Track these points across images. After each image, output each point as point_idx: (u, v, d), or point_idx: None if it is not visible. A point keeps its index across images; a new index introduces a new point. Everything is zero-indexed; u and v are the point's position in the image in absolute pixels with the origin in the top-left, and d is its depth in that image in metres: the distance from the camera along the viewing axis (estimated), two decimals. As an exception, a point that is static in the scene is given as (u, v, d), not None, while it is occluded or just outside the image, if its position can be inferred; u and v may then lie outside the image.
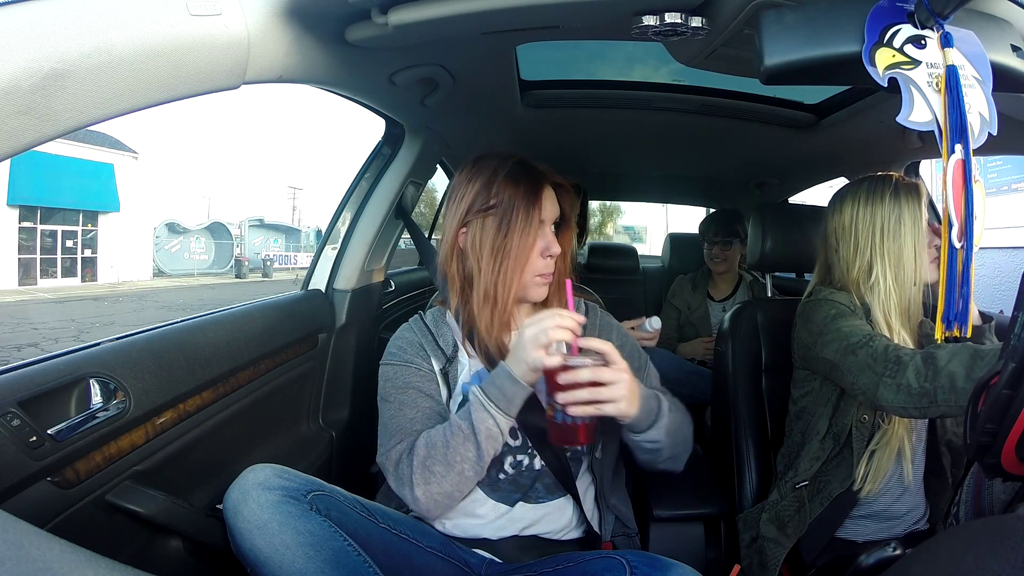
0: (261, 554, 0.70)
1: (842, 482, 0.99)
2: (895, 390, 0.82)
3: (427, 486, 0.81)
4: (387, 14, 0.78)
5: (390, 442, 0.86)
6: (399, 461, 0.84)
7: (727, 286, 2.14)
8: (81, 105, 0.51)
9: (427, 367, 0.93)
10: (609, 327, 1.02)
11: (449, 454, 0.81)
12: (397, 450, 0.85)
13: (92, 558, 0.39)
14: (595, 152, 2.05)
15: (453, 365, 0.94)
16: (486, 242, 0.89)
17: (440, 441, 0.82)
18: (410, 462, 0.82)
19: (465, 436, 0.81)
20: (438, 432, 0.83)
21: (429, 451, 0.82)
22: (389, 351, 0.95)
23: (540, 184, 0.92)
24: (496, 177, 0.90)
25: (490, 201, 0.89)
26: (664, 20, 0.78)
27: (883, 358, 0.85)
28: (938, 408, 0.78)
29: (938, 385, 0.77)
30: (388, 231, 1.51)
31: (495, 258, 0.89)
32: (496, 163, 0.92)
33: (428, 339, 0.96)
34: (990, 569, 0.45)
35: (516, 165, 0.92)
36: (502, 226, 0.88)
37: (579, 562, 0.80)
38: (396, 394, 0.90)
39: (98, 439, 0.75)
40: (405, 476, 0.83)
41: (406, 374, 0.92)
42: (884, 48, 0.62)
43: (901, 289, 0.98)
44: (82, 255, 16.27)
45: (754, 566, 1.05)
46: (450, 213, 0.93)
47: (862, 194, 1.02)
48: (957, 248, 0.61)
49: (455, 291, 0.94)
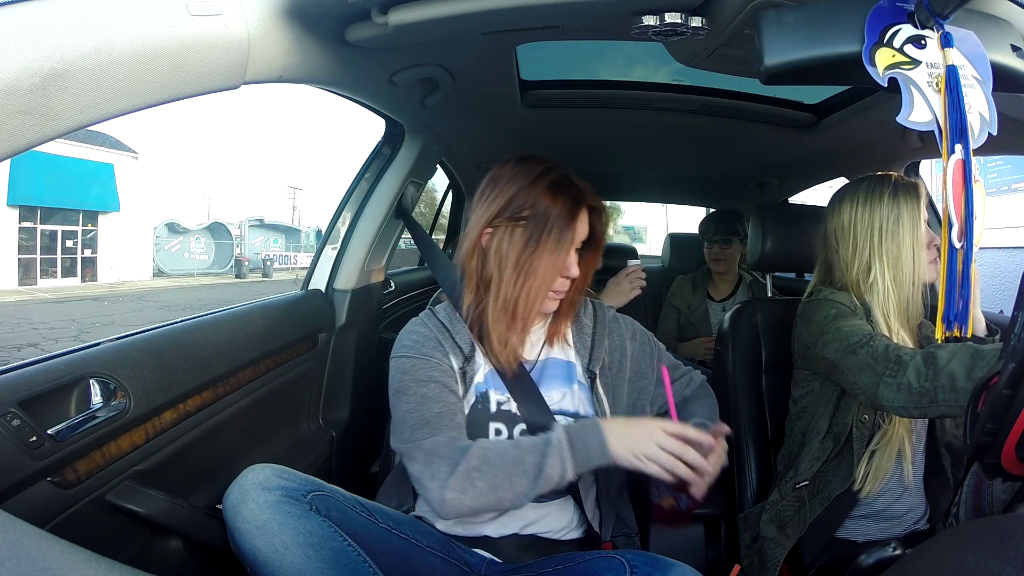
0: (260, 554, 0.70)
1: (842, 482, 0.99)
2: (895, 390, 0.82)
3: (460, 495, 0.77)
4: (387, 14, 0.78)
5: (418, 432, 0.82)
6: (433, 453, 0.79)
7: (727, 286, 2.14)
8: (81, 105, 0.51)
9: (447, 363, 0.90)
10: (617, 320, 1.02)
11: (500, 478, 0.77)
12: (432, 442, 0.80)
13: (92, 558, 0.39)
14: (595, 152, 2.05)
15: (471, 364, 0.92)
16: (511, 253, 0.86)
17: (496, 460, 0.78)
18: (451, 463, 0.78)
19: (526, 471, 0.77)
20: (497, 450, 0.79)
21: (480, 464, 0.77)
22: (403, 344, 0.91)
23: (579, 204, 0.89)
24: (536, 186, 0.87)
25: (523, 211, 0.86)
26: (664, 20, 0.78)
27: (883, 358, 0.85)
28: (938, 408, 0.78)
29: (938, 385, 0.77)
30: (388, 231, 1.51)
31: (519, 273, 0.86)
32: (539, 171, 0.88)
33: (445, 335, 0.92)
34: (990, 569, 0.45)
35: (559, 179, 0.88)
36: (531, 242, 0.86)
37: (579, 562, 0.80)
38: (417, 387, 0.86)
39: (98, 439, 0.75)
40: (439, 473, 0.78)
41: (426, 367, 0.88)
42: (884, 48, 0.62)
43: (900, 289, 0.98)
44: (82, 255, 16.26)
45: (754, 566, 1.05)
46: (480, 207, 0.90)
47: (860, 195, 1.02)
48: (957, 248, 0.61)
49: (470, 288, 0.91)
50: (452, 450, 0.79)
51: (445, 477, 0.77)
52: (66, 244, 15.77)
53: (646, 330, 1.05)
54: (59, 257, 15.65)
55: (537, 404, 0.90)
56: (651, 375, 1.01)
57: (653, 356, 1.02)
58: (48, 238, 15.33)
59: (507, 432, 0.89)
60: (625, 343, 1.00)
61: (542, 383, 0.93)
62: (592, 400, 0.94)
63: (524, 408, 0.90)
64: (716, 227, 2.09)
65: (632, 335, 1.02)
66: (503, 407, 0.90)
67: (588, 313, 1.01)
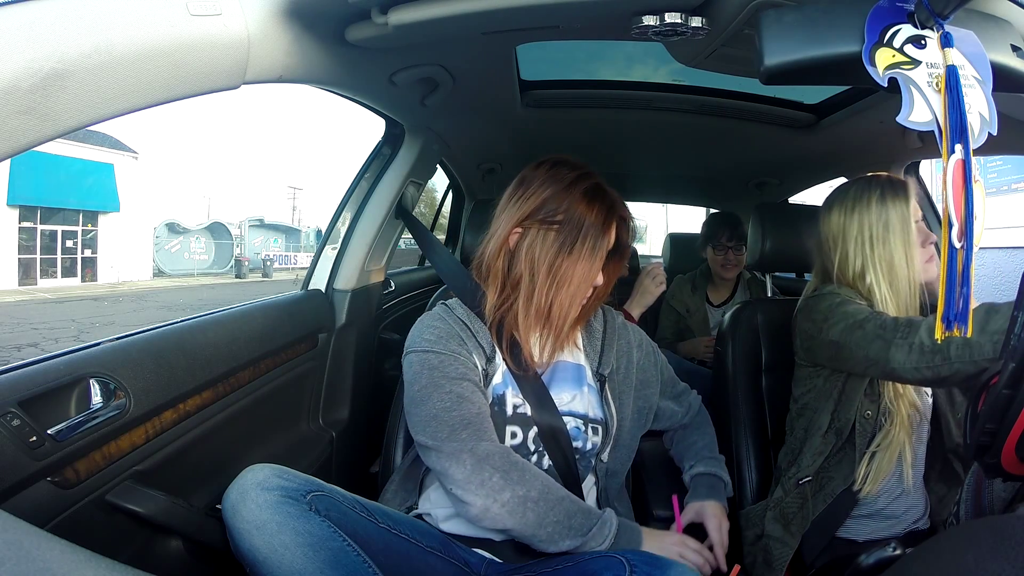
0: (260, 554, 0.70)
1: (844, 479, 0.99)
2: (907, 350, 0.81)
3: (507, 515, 0.78)
4: (387, 14, 0.78)
5: (462, 433, 0.80)
6: (486, 461, 0.79)
7: (727, 289, 2.12)
8: (81, 105, 0.51)
9: (472, 362, 0.88)
10: (626, 328, 1.04)
11: (549, 519, 0.79)
12: (485, 448, 0.80)
13: (92, 558, 0.39)
14: (595, 152, 2.05)
15: (492, 365, 0.91)
16: (545, 257, 0.86)
17: (554, 502, 0.80)
18: (505, 477, 0.79)
19: (571, 528, 0.79)
20: (557, 493, 0.81)
21: (540, 498, 0.79)
22: (425, 338, 0.89)
23: (612, 213, 0.89)
24: (571, 191, 0.87)
25: (557, 215, 0.86)
26: (664, 20, 0.78)
27: (892, 325, 0.85)
28: (952, 365, 0.76)
29: (951, 340, 0.75)
30: (388, 231, 1.51)
31: (552, 279, 0.86)
32: (575, 176, 0.88)
33: (467, 333, 0.91)
34: (990, 569, 0.45)
35: (594, 187, 0.89)
36: (565, 247, 0.86)
37: (579, 561, 0.80)
38: (449, 384, 0.84)
39: (98, 439, 0.75)
40: (489, 483, 0.78)
41: (456, 364, 0.86)
42: (884, 48, 0.62)
43: (897, 295, 0.97)
44: (82, 255, 16.27)
45: (758, 564, 1.05)
46: (510, 207, 0.90)
47: (848, 202, 1.02)
48: (957, 248, 0.61)
49: (495, 288, 0.91)
50: (507, 464, 0.80)
51: (497, 491, 0.78)
52: (66, 244, 15.78)
53: (651, 340, 1.07)
54: (59, 257, 15.66)
55: (548, 407, 0.91)
56: (656, 385, 1.03)
57: (657, 366, 1.04)
58: (48, 238, 15.34)
59: (522, 435, 0.90)
60: (632, 351, 1.01)
61: (552, 385, 0.93)
62: (601, 403, 0.95)
63: (536, 411, 0.90)
64: (730, 233, 2.02)
65: (639, 344, 1.03)
66: (519, 410, 0.90)
67: (599, 318, 1.02)
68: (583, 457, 0.93)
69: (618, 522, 0.83)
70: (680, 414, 1.09)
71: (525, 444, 0.90)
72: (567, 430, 0.91)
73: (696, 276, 2.18)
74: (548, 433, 0.90)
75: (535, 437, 0.90)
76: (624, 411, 0.97)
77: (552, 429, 0.89)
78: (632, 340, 1.03)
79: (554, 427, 0.89)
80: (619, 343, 1.00)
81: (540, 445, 0.90)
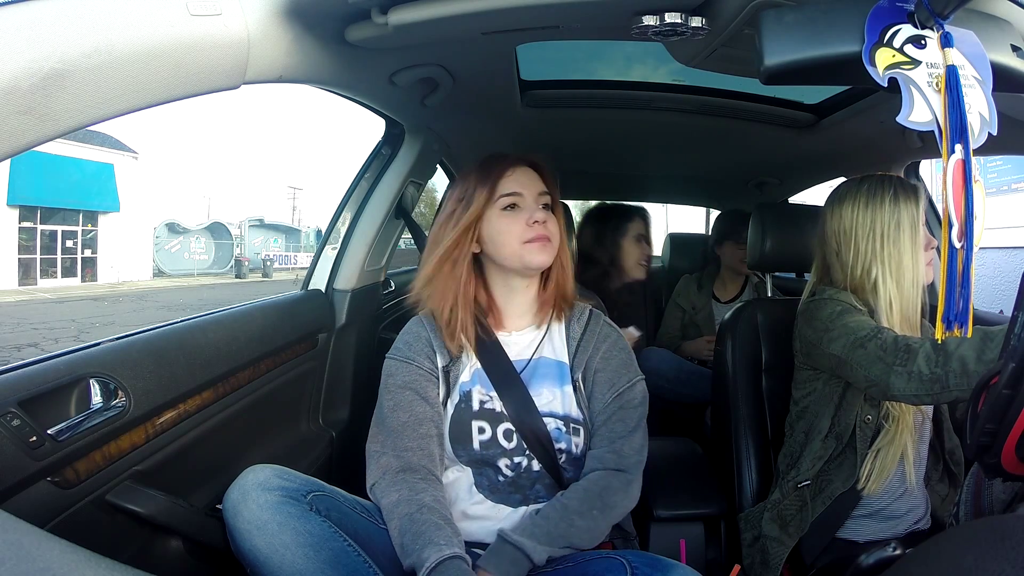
0: (260, 554, 0.70)
1: (844, 481, 0.99)
2: (907, 378, 0.82)
3: (388, 522, 0.83)
4: (387, 14, 0.78)
5: (380, 438, 0.90)
6: (383, 476, 0.87)
7: (735, 287, 2.13)
8: (81, 105, 0.51)
9: (428, 366, 0.92)
10: (605, 337, 0.97)
11: (405, 529, 0.79)
12: (384, 465, 0.87)
13: (92, 558, 0.39)
14: (595, 152, 2.05)
15: (457, 363, 0.93)
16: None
17: (408, 528, 0.79)
18: (388, 498, 0.84)
19: (401, 543, 0.78)
20: (424, 517, 0.79)
21: (401, 525, 0.79)
22: (396, 345, 0.96)
23: (498, 166, 0.97)
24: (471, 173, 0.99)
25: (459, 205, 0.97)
26: (664, 20, 0.78)
27: (893, 348, 0.85)
28: (950, 393, 0.78)
29: (949, 370, 0.77)
30: (388, 231, 1.51)
31: (433, 245, 0.96)
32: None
33: (436, 335, 0.95)
34: (990, 569, 0.45)
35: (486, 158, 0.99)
36: (486, 206, 0.95)
37: (579, 562, 0.80)
38: (395, 392, 0.91)
39: (98, 439, 0.75)
40: (379, 491, 0.86)
41: (406, 372, 0.92)
42: (884, 48, 0.62)
43: (903, 294, 0.98)
44: (82, 255, 16.27)
45: (756, 565, 1.05)
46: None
47: (861, 197, 1.01)
48: (957, 248, 0.61)
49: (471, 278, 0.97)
50: (397, 492, 0.84)
51: (377, 501, 0.86)
52: (66, 244, 15.78)
53: (633, 354, 1.00)
54: (59, 257, 15.66)
55: (525, 404, 0.90)
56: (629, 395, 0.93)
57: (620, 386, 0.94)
58: (48, 238, 15.34)
59: (490, 431, 0.89)
60: (612, 355, 0.95)
61: (533, 382, 0.93)
62: (579, 403, 0.94)
63: (511, 407, 0.90)
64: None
65: (609, 358, 0.96)
66: (485, 405, 0.90)
67: (582, 319, 0.99)
68: (570, 459, 0.91)
69: (448, 562, 0.72)
70: (599, 457, 0.90)
71: (495, 440, 0.89)
72: (548, 431, 0.90)
73: (703, 275, 2.18)
74: (532, 438, 0.89)
75: (507, 432, 0.89)
76: (594, 412, 0.93)
77: (533, 430, 0.89)
78: (605, 354, 0.95)
79: (534, 426, 0.89)
80: (598, 345, 0.95)
81: (514, 442, 0.89)
